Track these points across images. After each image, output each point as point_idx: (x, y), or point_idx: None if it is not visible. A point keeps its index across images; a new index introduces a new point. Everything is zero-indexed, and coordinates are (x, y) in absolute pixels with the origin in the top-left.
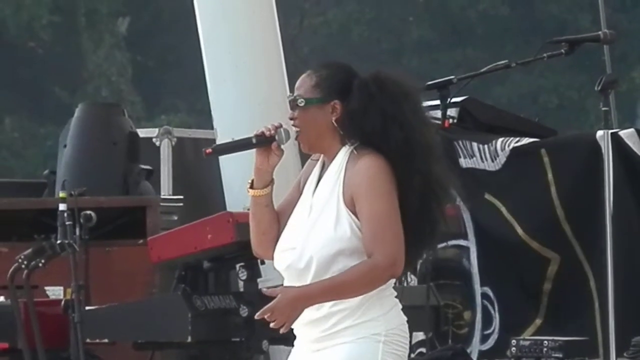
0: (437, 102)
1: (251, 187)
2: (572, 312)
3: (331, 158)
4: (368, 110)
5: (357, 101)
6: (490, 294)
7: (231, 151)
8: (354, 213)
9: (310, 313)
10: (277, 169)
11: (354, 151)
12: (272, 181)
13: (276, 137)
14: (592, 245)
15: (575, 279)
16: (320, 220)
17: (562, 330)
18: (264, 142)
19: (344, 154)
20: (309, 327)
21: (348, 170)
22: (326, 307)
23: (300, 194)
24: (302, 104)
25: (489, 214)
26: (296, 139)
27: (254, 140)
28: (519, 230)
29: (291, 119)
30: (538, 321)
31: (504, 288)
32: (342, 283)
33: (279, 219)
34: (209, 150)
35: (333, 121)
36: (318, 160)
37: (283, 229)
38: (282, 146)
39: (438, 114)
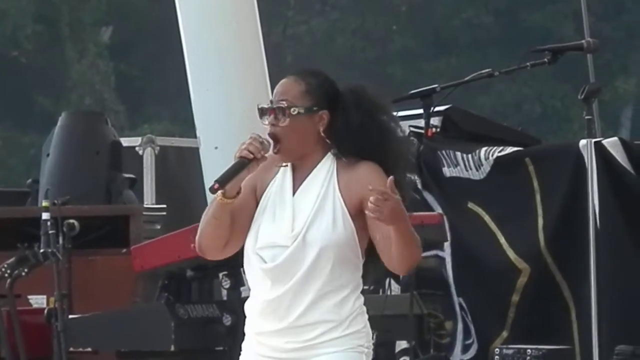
0: (421, 110)
1: (224, 195)
2: (543, 323)
3: (311, 165)
4: (365, 123)
5: (355, 115)
6: (464, 305)
7: (232, 177)
8: (352, 214)
9: (290, 321)
10: None
11: (342, 158)
12: (241, 188)
13: (263, 152)
14: (564, 255)
15: (546, 290)
16: (318, 218)
17: (528, 342)
18: (255, 160)
19: (329, 160)
20: (285, 336)
21: (342, 175)
22: (314, 316)
23: (257, 197)
24: (295, 113)
25: (470, 223)
26: (275, 150)
27: (246, 162)
28: (501, 240)
29: (273, 125)
30: (505, 333)
31: (475, 299)
32: (414, 233)
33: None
34: (216, 185)
35: (321, 131)
36: (273, 163)
37: (242, 229)
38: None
39: (421, 123)
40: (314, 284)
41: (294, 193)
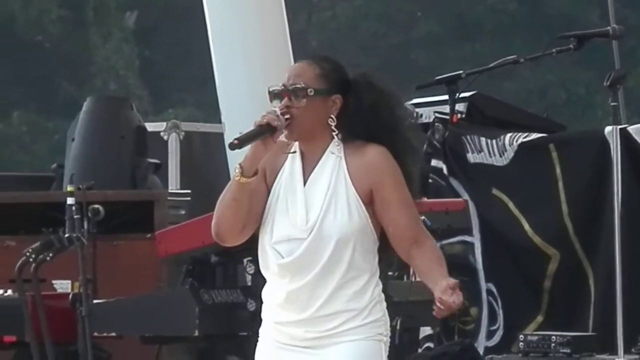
0: (446, 97)
1: (242, 174)
2: (572, 310)
3: (319, 149)
4: (377, 107)
5: (367, 99)
6: (494, 290)
7: (253, 139)
8: (365, 202)
9: (311, 312)
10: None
11: (349, 142)
12: (258, 169)
13: (279, 123)
14: (592, 242)
15: (574, 277)
16: (332, 209)
17: (562, 327)
18: (272, 130)
19: (335, 145)
20: (305, 326)
21: (351, 159)
22: (335, 306)
23: (267, 183)
24: (312, 94)
25: (496, 209)
26: (286, 126)
27: (265, 130)
28: (526, 226)
29: (288, 106)
30: (540, 318)
31: (507, 284)
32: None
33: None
34: (236, 141)
35: (333, 115)
36: (282, 148)
37: (256, 213)
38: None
39: (446, 109)
40: (333, 275)
41: (304, 182)
